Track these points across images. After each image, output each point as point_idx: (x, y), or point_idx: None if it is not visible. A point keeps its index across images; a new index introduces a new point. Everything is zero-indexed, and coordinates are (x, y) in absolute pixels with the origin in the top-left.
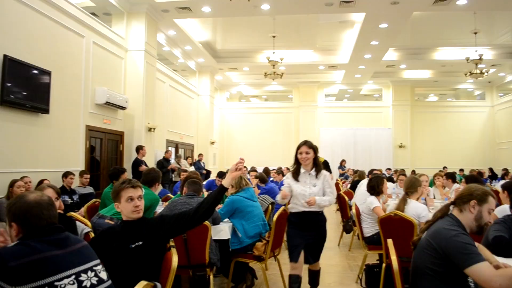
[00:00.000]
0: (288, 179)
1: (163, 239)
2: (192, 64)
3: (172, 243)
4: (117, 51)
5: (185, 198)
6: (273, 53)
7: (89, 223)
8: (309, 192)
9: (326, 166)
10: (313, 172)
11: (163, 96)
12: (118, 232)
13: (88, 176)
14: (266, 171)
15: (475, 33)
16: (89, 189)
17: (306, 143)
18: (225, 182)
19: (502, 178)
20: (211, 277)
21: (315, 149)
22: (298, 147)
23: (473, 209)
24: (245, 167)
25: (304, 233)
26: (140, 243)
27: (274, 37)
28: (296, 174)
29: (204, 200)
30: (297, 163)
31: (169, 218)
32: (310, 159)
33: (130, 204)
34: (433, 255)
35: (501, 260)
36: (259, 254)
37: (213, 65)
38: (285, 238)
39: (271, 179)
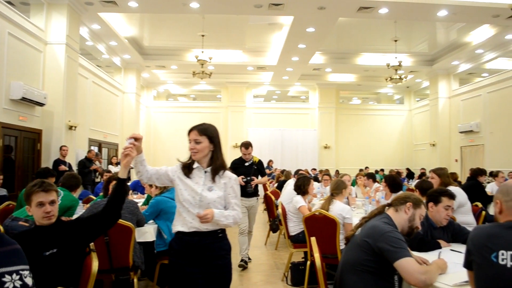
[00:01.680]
0: (176, 171)
1: (80, 244)
2: (117, 60)
3: (92, 247)
4: (36, 44)
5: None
6: (202, 52)
7: (0, 227)
8: (199, 197)
9: (260, 166)
10: (208, 170)
11: (86, 92)
12: (31, 238)
13: (1, 177)
14: None
15: (395, 40)
16: (2, 191)
17: (197, 127)
18: (120, 173)
19: (420, 177)
20: (135, 280)
21: (213, 137)
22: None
23: (408, 210)
24: None
25: (192, 270)
26: (55, 250)
27: (203, 36)
28: (187, 168)
29: (108, 197)
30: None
31: (83, 221)
32: (200, 151)
33: (40, 210)
34: (366, 252)
35: (416, 254)
36: None
37: (139, 62)
38: None
39: None
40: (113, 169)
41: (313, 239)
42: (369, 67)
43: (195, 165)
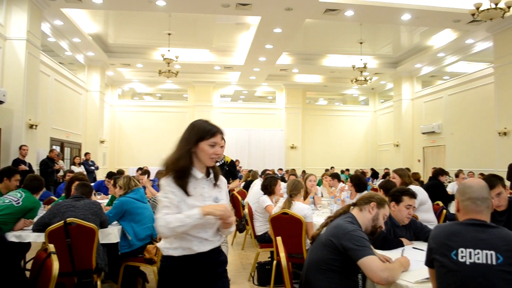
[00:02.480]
0: (169, 187)
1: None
2: (81, 58)
3: (52, 249)
4: None
5: (71, 200)
6: (168, 50)
7: None
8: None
9: (232, 167)
10: (211, 178)
11: (47, 90)
12: None
13: None
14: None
15: (361, 43)
16: None
17: (221, 129)
18: None
19: (384, 177)
20: (99, 283)
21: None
22: (210, 133)
23: (372, 210)
24: (141, 169)
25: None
26: None
27: (169, 34)
28: (183, 180)
29: None
30: (189, 160)
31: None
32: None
33: None
34: (331, 251)
35: (379, 252)
36: (150, 257)
37: (104, 59)
38: None
39: None
40: (76, 169)
41: (278, 238)
42: (335, 68)
43: (196, 172)
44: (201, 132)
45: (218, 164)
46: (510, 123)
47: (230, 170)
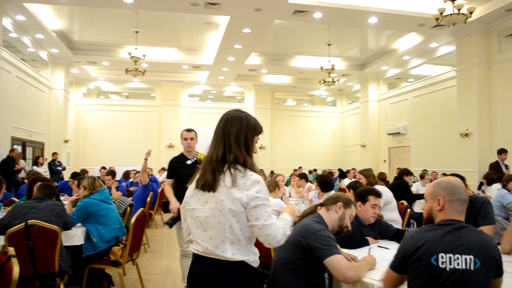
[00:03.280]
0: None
1: None
2: (44, 55)
3: (12, 252)
4: None
5: (33, 202)
6: (136, 49)
7: None
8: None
9: None
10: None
11: (8, 88)
12: None
13: None
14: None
15: (329, 44)
16: None
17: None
18: None
19: (355, 177)
20: (62, 287)
21: None
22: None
23: (339, 210)
24: (103, 167)
25: None
26: None
27: (137, 32)
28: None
29: None
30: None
31: None
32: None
33: None
34: (298, 250)
35: (346, 251)
36: (116, 259)
37: (68, 57)
38: (144, 241)
39: (130, 180)
40: (39, 169)
41: None
42: (304, 69)
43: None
44: None
45: (189, 161)
46: (471, 125)
47: None
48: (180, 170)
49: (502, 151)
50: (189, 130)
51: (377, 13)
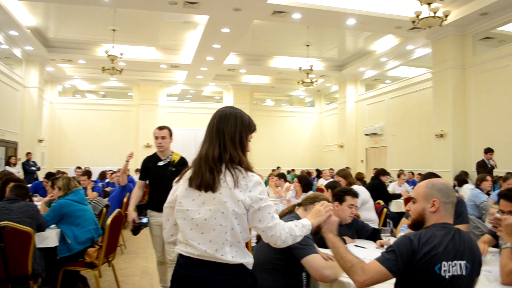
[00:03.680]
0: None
1: None
2: (18, 52)
3: None
4: None
5: (5, 203)
6: (113, 47)
7: None
8: None
9: (184, 165)
10: None
11: None
12: None
13: None
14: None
15: (308, 45)
16: None
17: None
18: None
19: (332, 177)
20: None
21: None
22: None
23: None
24: (79, 167)
25: None
26: None
27: (114, 30)
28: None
29: None
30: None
31: None
32: None
33: None
34: (276, 250)
35: (323, 251)
36: (91, 261)
37: (43, 54)
38: (121, 242)
39: (106, 180)
40: (11, 170)
41: None
42: (282, 70)
43: None
44: None
45: (161, 163)
46: (446, 126)
47: (177, 171)
48: (151, 171)
49: (488, 151)
50: (161, 128)
51: (355, 15)
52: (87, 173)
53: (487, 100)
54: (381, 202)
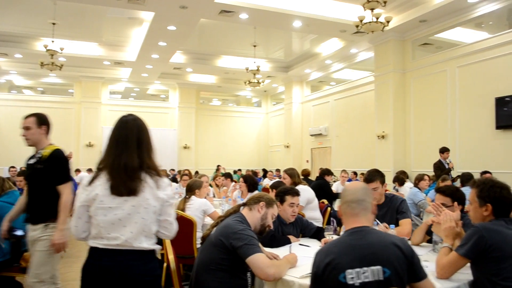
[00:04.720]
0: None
1: None
2: None
3: None
4: None
5: None
6: (52, 41)
7: None
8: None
9: (55, 160)
10: None
11: None
12: None
13: None
14: None
15: (255, 46)
16: None
17: None
18: None
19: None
20: None
21: None
22: None
23: (261, 209)
24: (12, 166)
25: None
26: None
27: (54, 24)
28: None
29: None
30: None
31: None
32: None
33: None
34: (221, 250)
35: (268, 250)
36: (28, 266)
37: None
38: None
39: None
40: None
41: (167, 240)
42: (229, 69)
43: None
44: None
45: (31, 161)
46: (387, 127)
47: (46, 168)
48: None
49: (444, 150)
50: (26, 117)
51: (301, 17)
52: (24, 173)
53: (425, 103)
54: (325, 201)
